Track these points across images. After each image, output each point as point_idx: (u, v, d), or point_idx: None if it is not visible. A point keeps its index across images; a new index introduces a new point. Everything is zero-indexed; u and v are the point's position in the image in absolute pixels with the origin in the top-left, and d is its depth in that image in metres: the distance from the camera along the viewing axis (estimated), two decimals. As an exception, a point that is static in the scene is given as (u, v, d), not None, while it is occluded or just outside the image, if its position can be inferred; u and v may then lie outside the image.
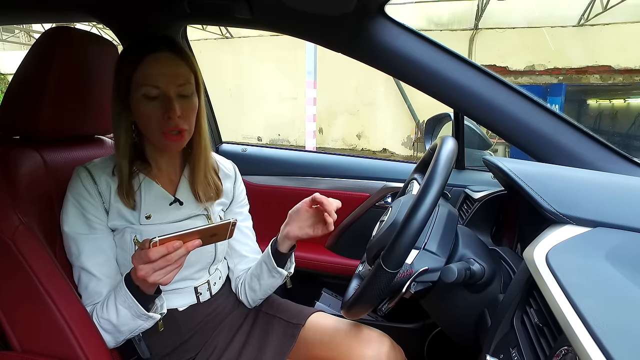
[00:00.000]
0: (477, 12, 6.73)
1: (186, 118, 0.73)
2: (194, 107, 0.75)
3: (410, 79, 0.85)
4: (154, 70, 0.70)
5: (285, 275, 0.87)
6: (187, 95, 0.73)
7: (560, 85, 6.92)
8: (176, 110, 0.70)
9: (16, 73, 0.77)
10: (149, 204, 0.77)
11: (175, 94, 0.71)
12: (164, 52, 0.71)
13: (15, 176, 0.70)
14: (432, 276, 0.65)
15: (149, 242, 0.59)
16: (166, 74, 0.70)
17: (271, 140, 8.76)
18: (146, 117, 0.71)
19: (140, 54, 0.70)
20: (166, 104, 0.70)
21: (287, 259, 0.87)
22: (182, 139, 0.74)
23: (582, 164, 0.77)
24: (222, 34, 8.35)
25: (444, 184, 0.59)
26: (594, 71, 6.61)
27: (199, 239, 0.62)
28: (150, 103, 0.70)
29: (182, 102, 0.72)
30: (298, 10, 0.84)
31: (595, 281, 0.44)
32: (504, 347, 0.54)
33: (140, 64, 0.70)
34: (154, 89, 0.70)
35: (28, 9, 1.08)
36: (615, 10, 6.03)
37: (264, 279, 0.86)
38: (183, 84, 0.72)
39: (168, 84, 0.70)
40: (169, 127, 0.71)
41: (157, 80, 0.70)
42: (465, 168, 1.25)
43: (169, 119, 0.70)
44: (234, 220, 0.65)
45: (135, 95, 0.71)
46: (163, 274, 0.61)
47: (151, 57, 0.70)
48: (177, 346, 0.81)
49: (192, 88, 0.74)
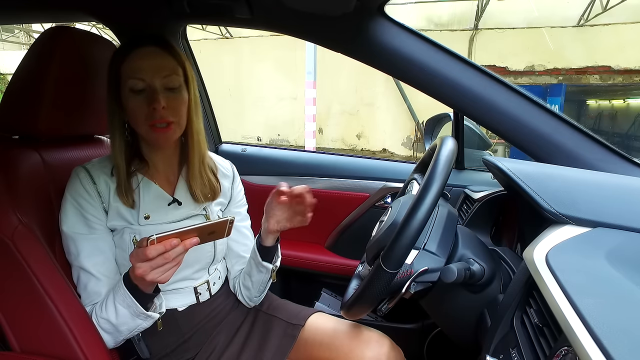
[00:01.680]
0: (477, 13, 6.73)
1: (173, 110, 0.73)
2: (182, 100, 0.75)
3: (410, 79, 0.85)
4: (139, 62, 0.71)
5: (271, 269, 0.87)
6: (173, 88, 0.73)
7: (560, 86, 6.93)
8: (160, 102, 0.70)
9: (16, 73, 0.77)
10: (147, 204, 0.77)
11: (160, 86, 0.72)
12: (149, 46, 0.72)
13: (15, 176, 0.70)
14: (432, 276, 0.65)
15: (147, 240, 0.59)
16: (151, 66, 0.71)
17: (271, 141, 8.75)
18: (134, 111, 0.72)
19: (127, 49, 0.72)
20: (151, 95, 0.71)
21: (273, 253, 0.87)
22: (169, 131, 0.74)
23: (581, 164, 0.77)
24: (222, 34, 8.35)
25: (444, 184, 0.59)
26: (594, 71, 6.61)
27: (196, 236, 0.62)
28: (137, 97, 0.71)
29: (168, 95, 0.72)
30: (298, 10, 0.84)
31: (595, 281, 0.44)
32: (504, 348, 0.54)
33: (127, 58, 0.71)
34: (139, 81, 0.70)
35: (28, 8, 1.08)
36: (615, 10, 6.03)
37: (254, 276, 0.87)
38: (168, 75, 0.72)
39: (153, 75, 0.71)
40: (154, 119, 0.71)
41: (142, 72, 0.70)
42: (465, 168, 1.25)
43: (153, 110, 0.70)
44: (231, 218, 0.65)
45: (124, 91, 0.72)
46: (161, 272, 0.61)
47: (137, 51, 0.71)
48: (176, 346, 0.81)
49: (180, 80, 0.74)
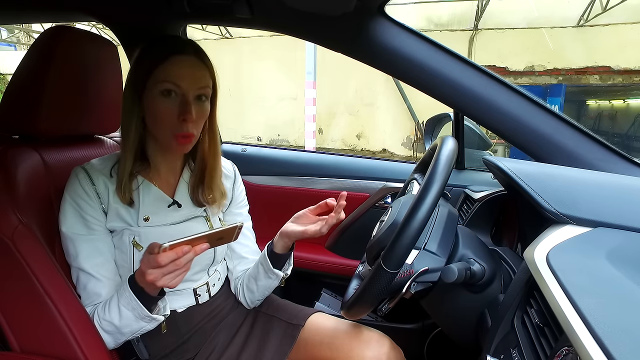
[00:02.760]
0: (477, 13, 6.73)
1: (197, 123, 0.74)
2: (206, 112, 0.75)
3: (410, 78, 0.85)
4: (179, 69, 0.70)
5: (282, 277, 0.87)
6: (203, 100, 0.74)
7: (560, 86, 6.93)
8: (192, 114, 0.70)
9: (16, 72, 0.77)
10: (147, 206, 0.76)
11: (193, 97, 0.71)
12: (191, 55, 0.72)
13: (15, 176, 0.70)
14: (433, 276, 0.64)
15: (159, 247, 0.59)
16: (190, 76, 0.71)
17: (271, 141, 8.75)
18: (160, 115, 0.71)
19: (167, 51, 0.70)
20: (184, 105, 0.70)
21: (285, 260, 0.86)
22: (189, 143, 0.74)
23: (582, 164, 0.77)
24: (222, 34, 8.35)
25: (444, 183, 0.59)
26: (594, 72, 6.61)
27: (206, 242, 0.62)
28: (167, 101, 0.70)
29: (197, 105, 0.72)
30: (298, 9, 0.84)
31: (596, 281, 0.44)
32: (505, 348, 0.54)
33: (166, 60, 0.70)
34: (175, 87, 0.70)
35: (28, 8, 1.08)
36: (615, 11, 6.03)
37: (261, 280, 0.86)
38: (203, 88, 0.73)
39: (190, 85, 0.71)
40: (181, 131, 0.71)
41: (180, 79, 0.70)
42: (465, 168, 1.25)
43: (183, 121, 0.70)
44: (240, 224, 0.65)
45: (152, 91, 0.70)
46: (171, 278, 0.62)
47: (178, 57, 0.70)
48: (176, 347, 0.81)
49: (209, 93, 0.75)
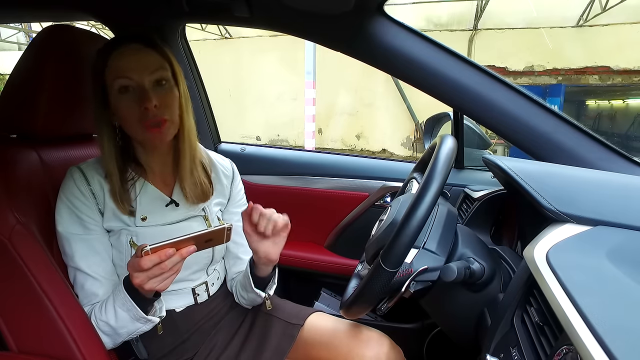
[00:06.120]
0: (476, 13, 6.74)
1: (166, 108, 0.71)
2: (173, 96, 0.73)
3: (410, 78, 0.85)
4: (123, 61, 0.69)
5: (264, 297, 0.84)
6: (163, 84, 0.71)
7: (560, 86, 6.94)
8: (152, 100, 0.68)
9: (13, 71, 0.77)
10: (144, 206, 0.76)
11: (149, 84, 0.70)
12: (132, 44, 0.70)
13: (13, 175, 0.69)
14: (432, 275, 0.64)
15: (141, 250, 0.58)
16: (137, 63, 0.69)
17: (270, 141, 8.75)
18: (124, 113, 0.70)
19: (108, 49, 0.69)
20: (141, 94, 0.69)
21: (268, 281, 0.83)
22: (163, 129, 0.71)
23: (582, 163, 0.77)
24: (221, 34, 8.35)
25: (444, 182, 0.59)
26: (593, 72, 6.62)
27: (193, 244, 0.61)
28: (126, 97, 0.69)
29: (158, 92, 0.70)
30: (297, 8, 0.84)
31: (596, 279, 0.44)
32: (504, 347, 0.54)
33: (109, 58, 0.69)
34: (127, 80, 0.68)
35: (27, 7, 1.07)
36: (614, 11, 6.04)
37: (248, 293, 0.84)
38: (156, 71, 0.70)
39: (140, 73, 0.69)
40: (147, 119, 0.69)
41: (128, 71, 0.68)
42: (464, 167, 1.25)
43: (145, 109, 0.68)
44: (229, 225, 0.63)
45: (111, 94, 0.70)
46: (159, 282, 0.60)
47: (119, 49, 0.69)
48: (174, 347, 0.80)
49: (168, 75, 0.72)
